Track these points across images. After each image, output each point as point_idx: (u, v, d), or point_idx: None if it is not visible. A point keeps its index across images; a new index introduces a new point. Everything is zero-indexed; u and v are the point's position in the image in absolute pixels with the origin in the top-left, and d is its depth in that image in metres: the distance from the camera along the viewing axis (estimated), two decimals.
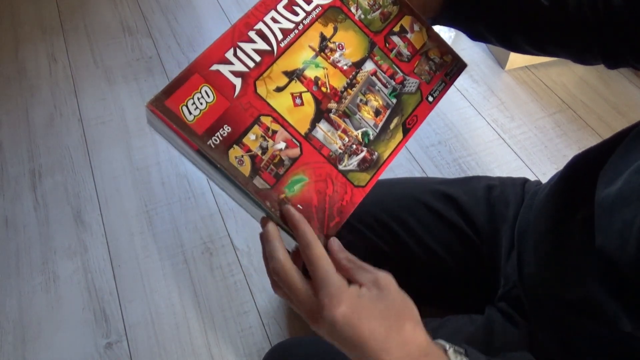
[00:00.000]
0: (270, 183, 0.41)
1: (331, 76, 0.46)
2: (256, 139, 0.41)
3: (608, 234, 0.43)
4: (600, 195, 0.46)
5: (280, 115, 0.43)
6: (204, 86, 0.40)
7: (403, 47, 0.50)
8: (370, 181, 0.46)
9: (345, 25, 0.47)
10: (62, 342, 0.99)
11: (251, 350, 0.99)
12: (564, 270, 0.51)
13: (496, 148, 1.34)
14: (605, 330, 0.45)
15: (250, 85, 0.42)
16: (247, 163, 0.41)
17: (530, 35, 0.54)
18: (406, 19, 0.51)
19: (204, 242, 1.14)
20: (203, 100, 0.40)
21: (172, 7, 1.73)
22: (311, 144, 0.44)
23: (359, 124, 0.46)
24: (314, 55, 0.45)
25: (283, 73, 0.44)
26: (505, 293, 0.60)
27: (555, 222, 0.54)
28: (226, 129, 0.40)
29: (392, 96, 0.48)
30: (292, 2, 0.45)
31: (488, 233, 0.66)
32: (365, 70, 0.47)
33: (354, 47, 0.47)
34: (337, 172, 0.44)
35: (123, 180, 1.25)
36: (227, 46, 0.42)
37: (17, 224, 1.16)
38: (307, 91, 0.44)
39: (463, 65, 0.54)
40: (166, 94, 0.39)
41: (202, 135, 0.39)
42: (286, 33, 0.44)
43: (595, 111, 1.42)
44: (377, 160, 0.46)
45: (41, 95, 1.44)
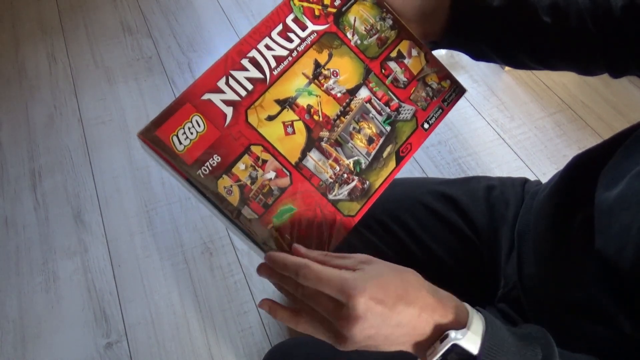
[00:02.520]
0: (259, 213, 0.41)
1: (324, 104, 0.45)
2: (246, 168, 0.41)
3: (607, 236, 0.43)
4: (600, 197, 0.46)
5: (270, 144, 0.42)
6: (195, 115, 0.40)
7: (400, 73, 0.49)
8: (360, 210, 0.45)
9: (341, 51, 0.46)
10: (62, 342, 0.99)
11: (251, 350, 0.99)
12: (564, 271, 0.51)
13: (496, 148, 1.34)
14: (604, 331, 0.45)
15: (241, 114, 0.42)
16: (236, 193, 0.41)
17: (534, 52, 0.53)
18: (404, 44, 0.49)
19: (204, 242, 1.14)
20: (194, 129, 0.40)
21: (172, 7, 1.73)
22: (301, 174, 0.43)
23: (350, 153, 0.45)
24: (307, 83, 0.44)
25: (275, 101, 0.43)
26: (505, 294, 0.60)
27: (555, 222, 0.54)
28: (216, 159, 0.40)
29: (386, 124, 0.47)
30: (287, 29, 0.44)
31: (488, 234, 0.66)
32: (360, 98, 0.46)
33: (349, 73, 0.46)
34: (327, 202, 0.44)
35: (123, 180, 1.25)
36: (220, 75, 0.42)
37: (17, 224, 1.16)
38: (299, 119, 0.44)
39: (462, 90, 0.52)
40: (156, 125, 0.39)
41: (191, 165, 0.39)
42: (280, 60, 0.44)
43: (595, 111, 1.42)
44: (368, 190, 0.46)
45: (41, 95, 1.44)
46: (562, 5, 0.52)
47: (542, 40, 0.52)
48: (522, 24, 0.51)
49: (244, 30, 1.65)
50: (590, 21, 0.51)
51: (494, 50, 0.54)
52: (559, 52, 0.53)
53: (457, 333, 0.37)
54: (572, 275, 0.49)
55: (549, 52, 0.53)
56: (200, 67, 1.53)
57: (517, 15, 0.51)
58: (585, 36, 0.51)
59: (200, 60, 1.55)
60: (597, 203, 0.46)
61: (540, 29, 0.51)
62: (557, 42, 0.52)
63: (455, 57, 1.58)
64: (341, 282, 0.37)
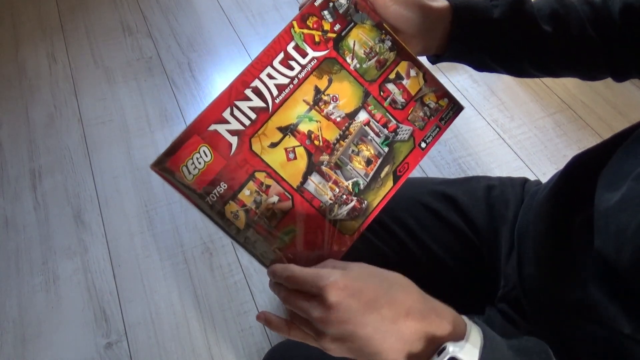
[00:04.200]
0: (263, 234, 0.43)
1: (324, 129, 0.46)
2: (251, 194, 0.43)
3: (605, 237, 0.43)
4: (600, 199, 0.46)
5: (273, 170, 0.44)
6: (203, 146, 0.42)
7: (398, 94, 0.50)
8: (358, 229, 0.47)
9: (340, 76, 0.47)
10: (62, 342, 0.99)
11: (251, 350, 0.99)
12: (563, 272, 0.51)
13: (496, 148, 1.34)
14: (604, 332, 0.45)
15: (245, 142, 0.43)
16: (242, 217, 0.43)
17: (536, 61, 0.54)
18: (403, 65, 0.50)
19: (204, 242, 1.14)
20: (201, 159, 0.42)
21: (172, 7, 1.73)
22: (303, 197, 0.45)
23: (349, 175, 0.47)
24: (308, 109, 0.46)
25: (277, 129, 0.44)
26: (505, 294, 0.60)
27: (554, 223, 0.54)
28: (223, 186, 0.42)
29: (384, 145, 0.48)
30: (288, 57, 0.45)
31: (488, 234, 0.66)
32: (359, 121, 0.47)
33: (348, 98, 0.47)
34: (327, 222, 0.46)
35: (123, 180, 1.25)
36: (224, 105, 0.43)
37: (17, 224, 1.16)
38: (300, 145, 0.45)
39: (459, 108, 0.53)
40: (167, 156, 0.41)
41: (200, 193, 0.42)
42: (281, 89, 0.45)
43: (595, 111, 1.42)
44: (366, 209, 0.47)
45: (41, 95, 1.44)
46: (562, 14, 0.52)
47: (544, 48, 0.52)
48: (523, 34, 0.52)
49: (244, 30, 1.65)
50: (590, 27, 0.51)
51: (496, 60, 0.54)
52: (561, 59, 0.53)
53: (455, 346, 0.36)
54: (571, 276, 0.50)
55: (551, 60, 0.54)
56: (200, 67, 1.53)
57: (518, 26, 0.51)
58: (587, 42, 0.51)
59: (200, 60, 1.55)
60: (597, 204, 0.46)
61: (541, 37, 0.51)
62: (559, 49, 0.52)
63: None
64: (315, 276, 0.38)
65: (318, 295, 0.37)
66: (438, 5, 0.51)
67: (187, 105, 1.43)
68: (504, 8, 0.51)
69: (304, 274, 0.39)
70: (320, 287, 0.37)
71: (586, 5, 0.53)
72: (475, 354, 0.36)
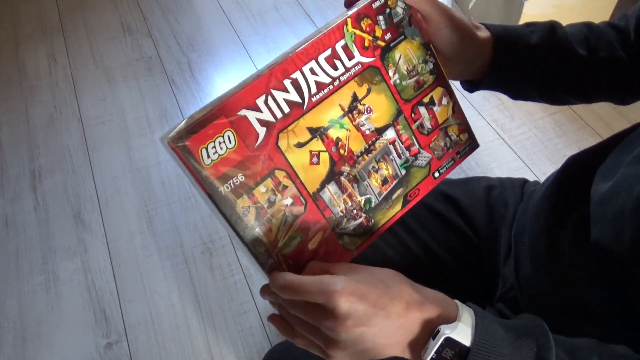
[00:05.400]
0: (269, 236, 0.42)
1: (352, 139, 0.45)
2: (266, 191, 0.41)
3: (602, 226, 0.43)
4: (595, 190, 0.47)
5: (294, 171, 0.42)
6: (228, 130, 0.39)
7: (427, 119, 0.49)
8: (361, 246, 0.46)
9: (379, 88, 0.46)
10: (62, 342, 0.99)
11: (251, 350, 0.99)
12: (559, 272, 0.51)
13: (496, 148, 1.34)
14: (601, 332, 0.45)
15: (273, 136, 0.41)
16: (252, 214, 0.40)
17: (574, 85, 0.55)
18: (437, 91, 0.50)
19: (204, 242, 1.14)
20: (224, 145, 0.39)
21: (172, 7, 1.73)
22: (316, 204, 0.44)
23: (364, 191, 0.46)
24: (341, 115, 0.44)
25: (307, 129, 0.42)
26: (502, 294, 0.60)
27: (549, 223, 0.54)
28: (240, 178, 0.40)
29: (403, 167, 0.48)
30: (335, 55, 0.43)
31: (487, 234, 0.66)
32: (385, 138, 0.47)
33: (382, 112, 0.46)
34: (332, 234, 0.45)
35: (123, 180, 1.25)
36: (260, 91, 0.40)
37: (17, 224, 1.16)
38: (325, 151, 0.44)
39: (475, 145, 0.53)
40: (189, 133, 0.37)
41: (215, 180, 0.39)
42: (321, 87, 0.43)
43: (595, 111, 1.42)
44: (372, 227, 0.47)
45: (41, 95, 1.44)
46: (593, 38, 0.54)
47: (580, 72, 0.53)
48: (561, 58, 0.52)
49: (244, 30, 1.65)
50: (620, 48, 0.53)
51: (534, 87, 0.55)
52: (596, 82, 0.55)
53: (448, 327, 0.37)
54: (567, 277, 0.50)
55: (587, 84, 0.55)
56: (200, 67, 1.53)
57: (555, 51, 0.52)
58: (618, 63, 0.53)
59: (200, 60, 1.55)
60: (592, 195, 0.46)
61: (577, 61, 0.52)
62: (594, 72, 0.53)
63: None
64: (320, 285, 0.38)
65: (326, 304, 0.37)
66: (482, 35, 0.51)
67: (187, 105, 1.43)
68: (542, 34, 0.52)
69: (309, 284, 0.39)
70: (329, 297, 0.37)
71: (612, 29, 0.55)
72: (468, 333, 0.37)
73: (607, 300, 0.44)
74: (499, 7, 1.51)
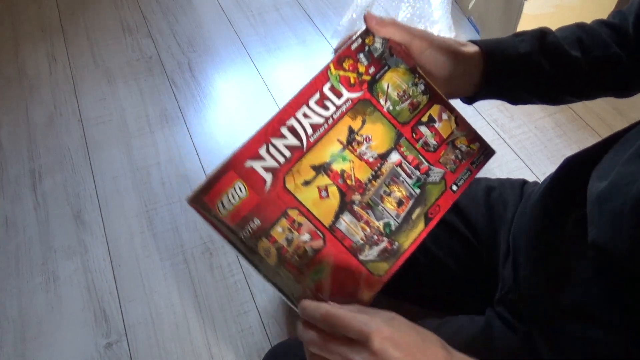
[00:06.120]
0: (294, 273, 0.43)
1: (357, 168, 0.46)
2: (283, 231, 0.43)
3: (600, 226, 0.43)
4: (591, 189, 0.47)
5: (306, 208, 0.44)
6: (238, 182, 0.42)
7: (430, 136, 0.50)
8: (389, 270, 0.46)
9: (374, 117, 0.48)
10: (62, 342, 0.99)
11: (251, 350, 0.99)
12: (556, 274, 0.51)
13: (496, 148, 1.32)
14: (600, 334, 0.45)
15: (279, 179, 0.44)
16: (274, 254, 0.43)
17: (571, 87, 0.55)
18: (435, 108, 0.50)
19: (204, 242, 1.14)
20: (236, 195, 0.42)
21: (172, 7, 1.74)
22: (334, 236, 0.45)
23: (381, 215, 0.47)
24: (341, 149, 0.46)
25: (311, 167, 0.45)
26: (502, 297, 0.60)
27: (546, 224, 0.54)
28: (256, 222, 0.42)
29: (416, 186, 0.48)
30: (324, 97, 0.46)
31: (487, 236, 0.66)
32: (391, 162, 0.48)
33: (381, 139, 0.48)
34: (358, 262, 0.45)
35: (123, 180, 1.25)
36: (261, 142, 0.44)
37: (17, 224, 1.16)
38: (332, 184, 0.45)
39: (491, 152, 0.54)
40: (204, 192, 0.41)
41: (233, 228, 0.42)
42: (316, 128, 0.45)
43: (595, 111, 1.42)
44: (397, 250, 0.47)
45: (41, 95, 1.44)
46: (586, 38, 0.53)
47: (576, 73, 0.53)
48: (554, 63, 0.52)
49: (244, 30, 1.65)
50: (615, 46, 0.52)
51: (532, 93, 0.56)
52: (594, 81, 0.54)
53: None
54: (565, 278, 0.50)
55: (585, 84, 0.55)
56: (200, 67, 1.53)
57: (548, 56, 0.52)
58: (615, 61, 0.52)
59: (200, 60, 1.55)
60: (589, 195, 0.46)
61: (572, 63, 0.52)
62: (590, 72, 0.53)
63: None
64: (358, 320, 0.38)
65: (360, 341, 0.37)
66: (469, 50, 0.52)
67: (187, 105, 1.43)
68: (531, 41, 0.52)
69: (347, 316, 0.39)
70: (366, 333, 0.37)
71: (606, 27, 0.55)
72: None
73: (606, 302, 0.44)
74: (499, 7, 1.51)
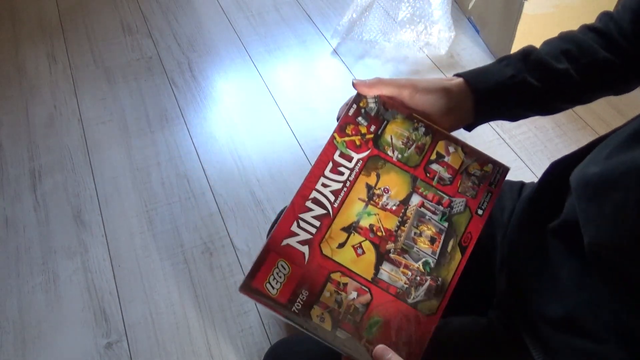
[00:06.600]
0: (351, 331, 0.45)
1: (383, 219, 0.49)
2: (331, 295, 0.46)
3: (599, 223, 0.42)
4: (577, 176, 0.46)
5: (347, 268, 0.47)
6: (280, 261, 0.46)
7: (443, 171, 0.52)
8: (440, 307, 0.48)
9: (386, 169, 0.51)
10: (62, 342, 0.99)
11: (251, 350, 0.99)
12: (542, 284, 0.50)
13: (496, 148, 1.34)
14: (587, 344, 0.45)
15: (316, 249, 0.47)
16: (328, 318, 0.45)
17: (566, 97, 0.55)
18: (440, 145, 0.53)
19: (204, 242, 1.14)
20: (281, 273, 0.45)
21: (172, 7, 1.74)
22: (379, 287, 0.47)
23: (417, 256, 0.48)
24: (364, 206, 0.49)
25: (341, 230, 0.48)
26: (498, 303, 0.59)
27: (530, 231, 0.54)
28: (305, 293, 0.45)
29: (443, 221, 0.50)
30: (336, 164, 0.50)
31: (485, 240, 0.65)
32: (413, 205, 0.50)
33: (399, 186, 0.50)
34: (408, 306, 0.47)
35: (123, 180, 1.25)
36: (291, 221, 0.47)
37: (17, 224, 1.16)
38: (365, 240, 0.48)
39: (505, 170, 0.54)
40: (251, 277, 0.45)
41: (285, 304, 0.44)
42: (337, 193, 0.49)
43: (595, 111, 1.42)
44: (442, 285, 0.48)
45: (41, 95, 1.44)
46: (571, 48, 0.54)
47: (567, 85, 0.54)
48: (543, 80, 0.53)
49: (244, 30, 1.65)
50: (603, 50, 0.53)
51: (527, 110, 0.56)
52: (587, 88, 0.55)
53: None
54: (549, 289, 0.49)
55: (577, 92, 0.55)
56: (200, 67, 1.53)
57: (535, 75, 0.53)
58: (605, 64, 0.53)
59: (200, 60, 1.55)
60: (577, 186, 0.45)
61: (560, 76, 0.53)
62: (581, 80, 0.53)
63: (454, 57, 1.58)
64: None
65: None
66: (454, 82, 0.53)
67: (187, 106, 1.43)
68: (515, 64, 0.54)
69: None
70: None
71: (591, 32, 0.55)
72: None
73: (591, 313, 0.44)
74: (499, 7, 1.51)
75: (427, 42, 1.59)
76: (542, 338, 0.50)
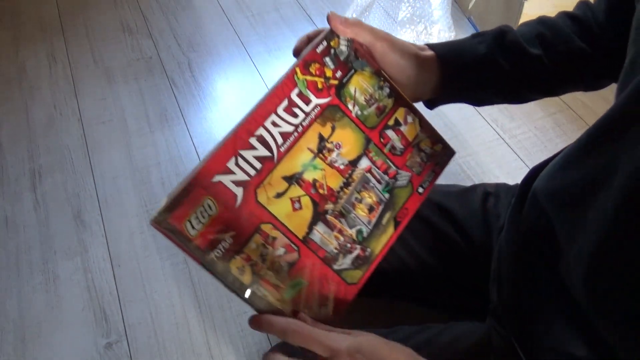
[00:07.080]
0: (270, 289, 0.42)
1: (328, 177, 0.45)
2: (257, 247, 0.42)
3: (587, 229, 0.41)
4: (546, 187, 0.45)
5: (279, 221, 0.43)
6: (207, 199, 0.39)
7: (397, 140, 0.50)
8: (362, 278, 0.46)
9: (343, 123, 0.47)
10: (62, 342, 0.99)
11: (251, 350, 0.99)
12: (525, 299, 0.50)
13: (496, 148, 1.34)
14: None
15: (251, 193, 0.42)
16: (248, 272, 0.41)
17: (534, 84, 0.54)
18: (400, 111, 0.50)
19: None
20: (205, 213, 0.39)
21: (172, 7, 1.74)
22: (308, 247, 0.44)
23: (353, 223, 0.46)
24: (312, 158, 0.45)
25: (283, 178, 0.43)
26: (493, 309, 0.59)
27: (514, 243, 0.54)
28: (228, 241, 0.40)
29: (385, 191, 0.48)
30: (292, 104, 0.44)
31: (482, 246, 0.64)
32: (361, 168, 0.47)
33: (351, 145, 0.47)
34: (332, 272, 0.45)
35: (123, 180, 1.25)
36: (229, 155, 0.41)
37: (17, 224, 1.16)
38: (305, 195, 0.44)
39: (452, 153, 0.54)
40: (169, 211, 0.38)
41: (204, 249, 0.39)
42: (286, 137, 0.44)
43: (595, 111, 1.42)
44: (370, 256, 0.47)
45: (41, 95, 1.44)
46: (547, 33, 0.52)
47: (538, 70, 0.52)
48: (514, 62, 0.51)
49: (244, 30, 1.65)
50: (579, 39, 0.51)
51: (494, 94, 0.55)
52: (558, 77, 0.54)
53: None
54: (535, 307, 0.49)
55: (548, 80, 0.54)
56: (200, 67, 1.53)
57: (507, 56, 0.51)
58: (579, 54, 0.51)
59: (200, 60, 1.55)
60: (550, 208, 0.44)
61: (532, 61, 0.51)
62: (553, 68, 0.52)
63: None
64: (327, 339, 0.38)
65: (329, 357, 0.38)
66: (426, 54, 0.52)
67: (187, 106, 1.43)
68: (489, 42, 0.52)
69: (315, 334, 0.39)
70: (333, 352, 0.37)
71: (569, 20, 0.54)
72: None
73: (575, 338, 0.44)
74: (499, 7, 1.51)
75: (427, 42, 1.59)
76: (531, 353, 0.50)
